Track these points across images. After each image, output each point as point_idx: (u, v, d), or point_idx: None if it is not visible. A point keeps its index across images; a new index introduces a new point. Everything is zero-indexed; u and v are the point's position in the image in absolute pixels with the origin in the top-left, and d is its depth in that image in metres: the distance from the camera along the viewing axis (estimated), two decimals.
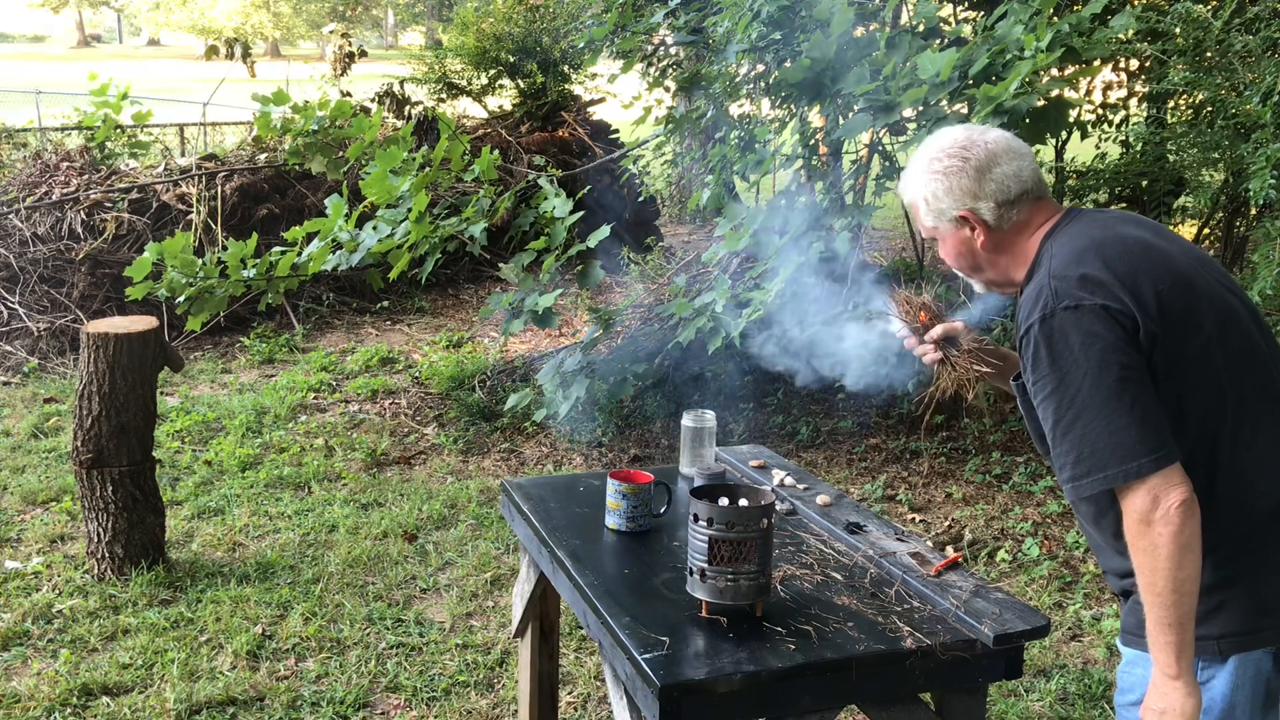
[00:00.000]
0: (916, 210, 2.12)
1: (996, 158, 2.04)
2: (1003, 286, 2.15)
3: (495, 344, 7.95)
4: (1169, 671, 1.85)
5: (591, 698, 3.64)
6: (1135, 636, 2.01)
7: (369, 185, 5.58)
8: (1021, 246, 2.06)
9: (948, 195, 2.05)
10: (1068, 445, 1.86)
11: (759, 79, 6.10)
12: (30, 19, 54.13)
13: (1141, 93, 6.00)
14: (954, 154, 2.05)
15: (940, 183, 2.05)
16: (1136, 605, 1.97)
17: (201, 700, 3.53)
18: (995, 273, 2.11)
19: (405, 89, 10.35)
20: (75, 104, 10.27)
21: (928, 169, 2.07)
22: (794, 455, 5.80)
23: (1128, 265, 1.90)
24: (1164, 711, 1.87)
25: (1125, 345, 1.83)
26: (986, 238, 2.06)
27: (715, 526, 2.14)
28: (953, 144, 2.06)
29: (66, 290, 7.75)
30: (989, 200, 2.02)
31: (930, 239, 2.16)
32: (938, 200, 2.06)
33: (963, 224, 2.06)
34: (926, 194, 2.08)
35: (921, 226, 2.15)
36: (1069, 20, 4.23)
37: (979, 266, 2.11)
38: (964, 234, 2.08)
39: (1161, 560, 1.80)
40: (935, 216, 2.09)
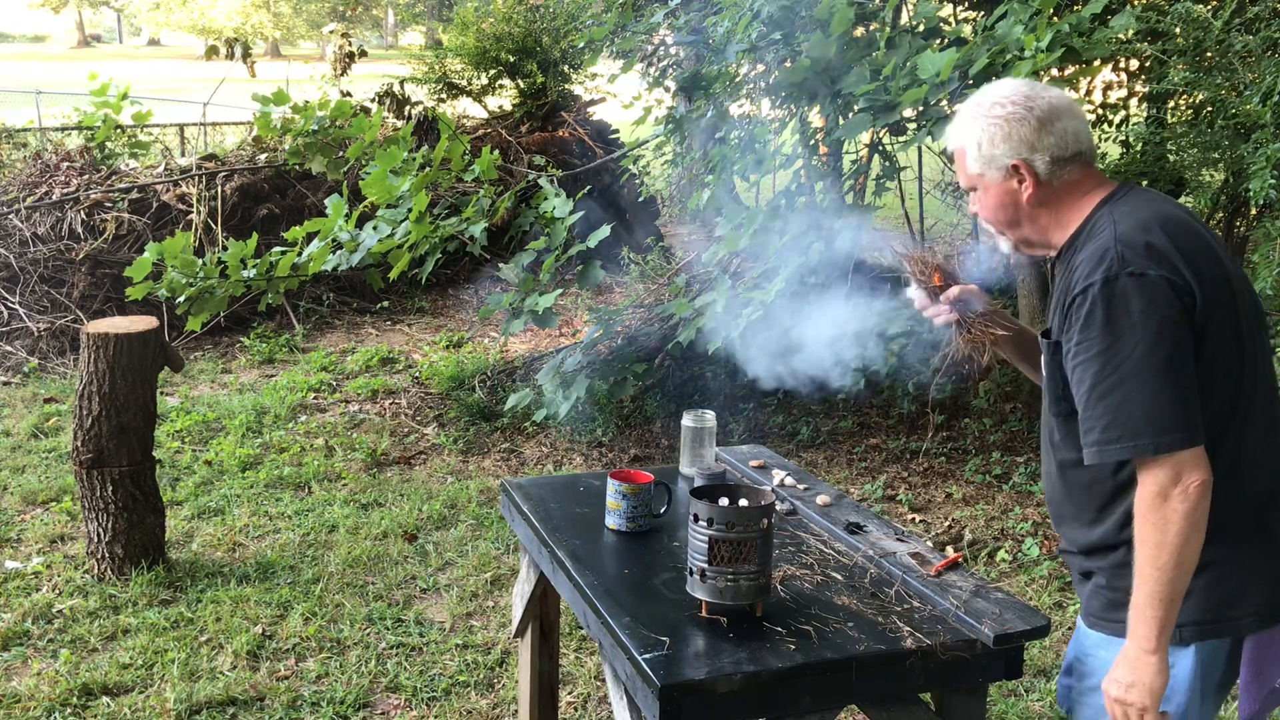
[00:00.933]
0: (963, 155, 2.07)
1: (1059, 112, 2.01)
2: (1035, 247, 2.10)
3: (495, 344, 7.95)
4: (1147, 646, 1.87)
5: (591, 698, 3.64)
6: (1104, 620, 2.03)
7: (369, 185, 5.58)
8: (1068, 207, 2.03)
9: (1005, 142, 2.00)
10: (1104, 408, 1.85)
11: (759, 79, 6.10)
12: (30, 19, 54.13)
13: (1141, 93, 6.00)
14: (1018, 102, 2.01)
15: (1000, 129, 2.01)
16: (1102, 588, 2.02)
17: (201, 700, 3.53)
18: (1033, 230, 2.06)
19: (405, 89, 10.35)
20: (75, 104, 10.27)
21: (987, 113, 2.02)
22: (794, 455, 5.80)
23: (1190, 244, 1.90)
24: (1132, 685, 1.88)
25: (1182, 321, 1.84)
26: (1034, 191, 2.02)
27: (715, 526, 2.14)
28: (1015, 93, 2.02)
29: (66, 290, 7.75)
30: (1045, 153, 1.99)
31: (970, 188, 2.10)
32: (992, 146, 2.01)
33: (1013, 174, 2.02)
34: (981, 138, 2.02)
35: (963, 175, 2.10)
36: (1069, 20, 4.23)
37: (1017, 222, 2.06)
38: (1011, 185, 2.03)
39: (1171, 535, 1.82)
40: (985, 163, 2.03)
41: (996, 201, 2.06)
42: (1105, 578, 2.02)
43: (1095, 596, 2.05)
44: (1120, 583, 1.97)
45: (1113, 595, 2.01)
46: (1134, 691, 1.89)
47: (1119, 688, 1.90)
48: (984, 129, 2.02)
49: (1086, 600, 2.09)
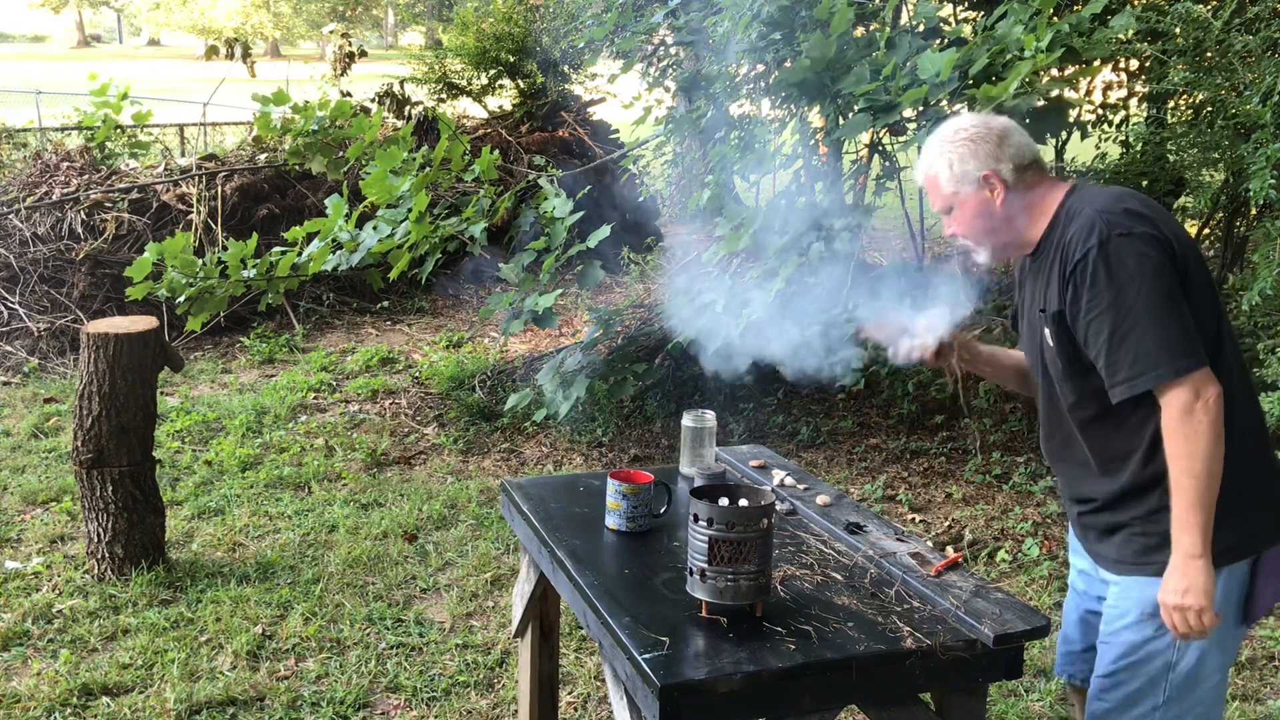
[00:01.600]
0: (936, 180, 2.33)
1: (1010, 130, 2.33)
2: (1011, 248, 2.36)
3: (495, 344, 7.95)
4: (1194, 552, 2.09)
5: (591, 698, 3.64)
6: (1140, 564, 2.23)
7: (369, 185, 5.58)
8: (1036, 206, 2.30)
9: (973, 158, 2.29)
10: (1125, 350, 2.11)
11: (759, 79, 6.10)
12: (30, 19, 54.11)
13: (1141, 93, 6.00)
14: (976, 125, 2.32)
15: (966, 148, 2.30)
16: (1136, 535, 2.24)
17: (201, 700, 3.53)
18: (1008, 233, 2.32)
19: (405, 89, 10.35)
20: (75, 104, 10.27)
21: (951, 139, 2.32)
22: (794, 455, 5.80)
23: (1157, 211, 2.21)
24: (1187, 590, 2.10)
25: (1169, 265, 2.12)
26: (1005, 196, 2.28)
27: (715, 526, 2.14)
28: (970, 121, 2.34)
29: (66, 290, 7.75)
30: (1009, 163, 2.28)
31: (946, 209, 2.35)
32: (963, 164, 2.30)
33: (984, 184, 2.29)
34: (952, 158, 2.31)
35: (938, 199, 2.35)
36: (1069, 20, 4.23)
37: (994, 229, 2.31)
38: (984, 195, 2.29)
39: (1201, 444, 2.07)
40: (958, 181, 2.31)
41: (973, 213, 2.32)
42: (1140, 525, 2.23)
43: (1127, 544, 2.26)
44: (1155, 526, 2.19)
45: (1147, 540, 2.22)
46: (1190, 595, 2.10)
47: (1176, 595, 2.11)
48: (952, 152, 2.31)
49: (1116, 550, 2.29)
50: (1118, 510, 2.27)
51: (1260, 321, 5.11)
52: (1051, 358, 2.28)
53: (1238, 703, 3.63)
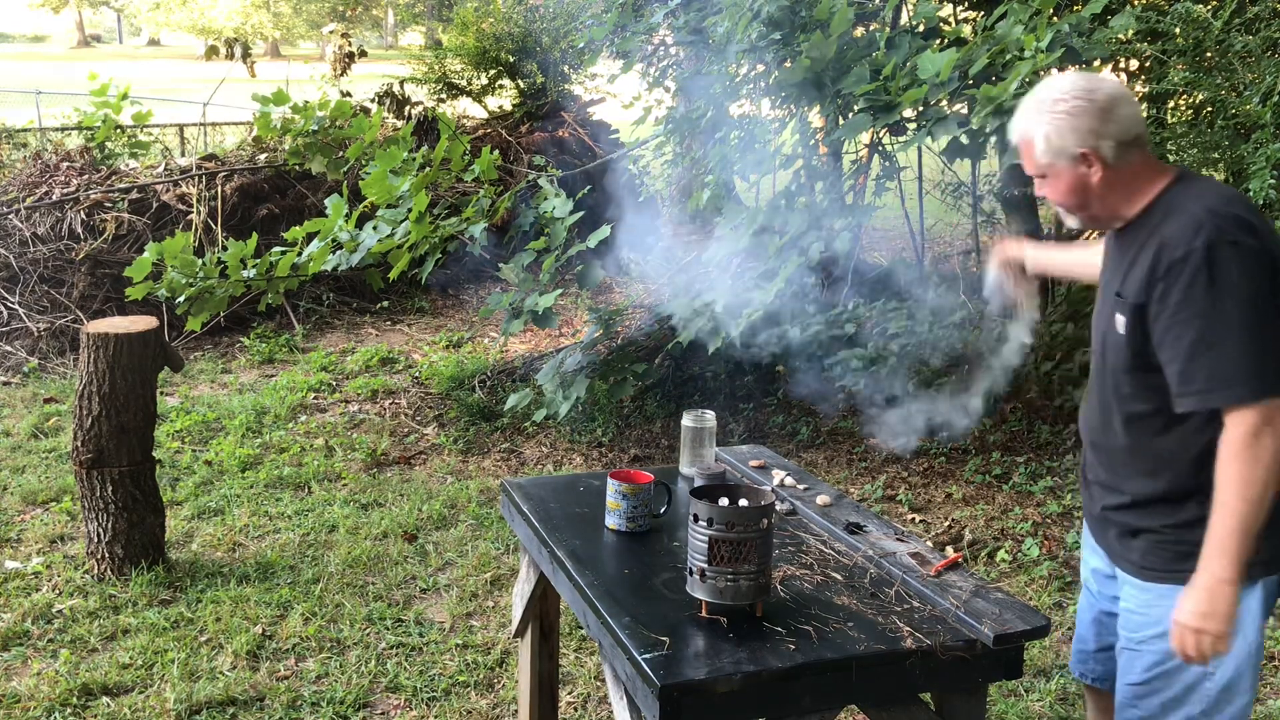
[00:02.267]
0: (1030, 147, 2.21)
1: (1118, 100, 2.15)
2: (1104, 222, 2.27)
3: (495, 344, 7.95)
4: (1226, 575, 2.04)
5: (591, 698, 3.64)
6: (1170, 571, 2.18)
7: (369, 185, 5.58)
8: (1136, 185, 2.19)
9: (1072, 132, 2.15)
10: (1204, 362, 2.04)
11: (759, 79, 6.10)
12: (30, 19, 54.10)
13: (1141, 93, 6.00)
14: (1079, 95, 2.15)
15: (1065, 120, 2.15)
16: (1167, 542, 2.18)
17: (201, 700, 3.53)
18: (1101, 209, 2.22)
19: (405, 89, 10.35)
20: (75, 104, 10.27)
21: (1050, 108, 2.16)
22: (794, 455, 5.80)
23: (1264, 222, 2.13)
24: (1209, 614, 2.05)
25: (1271, 286, 2.05)
26: (1103, 175, 2.17)
27: (715, 526, 2.14)
28: (1074, 86, 2.16)
29: (66, 290, 7.75)
30: (1111, 140, 2.14)
31: (1039, 175, 2.24)
32: (1060, 138, 2.15)
33: (1081, 161, 2.16)
34: (1049, 129, 2.16)
35: (1030, 164, 2.24)
36: (1069, 20, 4.24)
37: (1086, 203, 2.21)
38: (1080, 171, 2.17)
39: (1260, 471, 2.02)
40: (1053, 154, 2.18)
41: (1067, 187, 2.20)
42: (1173, 533, 2.18)
43: (1156, 551, 2.21)
44: (1190, 535, 2.13)
45: (1179, 548, 2.16)
46: (1211, 621, 2.05)
47: (1195, 618, 2.06)
48: (1049, 122, 2.16)
49: (1142, 556, 2.23)
50: (1148, 513, 2.22)
51: None
52: (1117, 344, 2.21)
53: None
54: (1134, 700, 2.28)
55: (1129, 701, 2.29)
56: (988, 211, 7.26)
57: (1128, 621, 2.29)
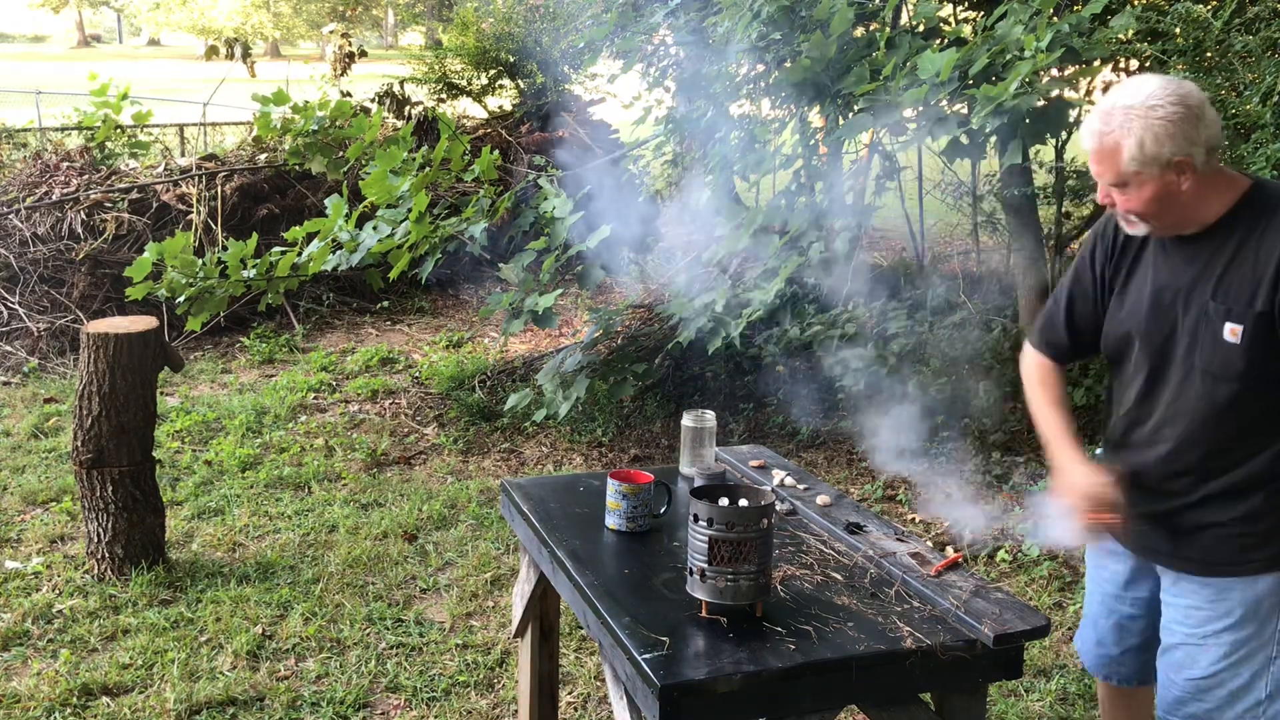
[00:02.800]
0: (1118, 152, 2.13)
1: (1205, 106, 2.13)
2: (1172, 229, 2.23)
3: (495, 344, 7.95)
4: None
5: (591, 698, 3.64)
6: (1238, 564, 2.23)
7: (369, 185, 5.58)
8: (1216, 191, 2.18)
9: (1170, 140, 2.09)
10: None
11: (759, 79, 6.10)
12: (30, 19, 54.09)
13: None
14: (1175, 101, 2.10)
15: (1164, 127, 2.09)
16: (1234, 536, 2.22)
17: (201, 700, 3.53)
18: (1179, 215, 2.18)
19: (405, 89, 10.35)
20: (75, 104, 10.27)
21: (1144, 114, 2.10)
22: (794, 455, 5.80)
23: None
24: None
25: None
26: (1192, 183, 2.14)
27: (715, 526, 2.14)
28: (1168, 91, 2.11)
29: (66, 290, 7.75)
30: (1203, 147, 2.11)
31: (1118, 183, 2.17)
32: (1157, 145, 2.10)
33: (1173, 169, 2.12)
34: (1144, 136, 2.10)
35: (1111, 170, 2.16)
36: (1069, 20, 4.24)
37: (1165, 212, 2.18)
38: (1170, 178, 2.13)
39: None
40: (1145, 162, 2.11)
41: (1153, 195, 2.15)
42: (1238, 526, 2.22)
43: (1222, 545, 2.25)
44: (1256, 526, 2.21)
45: (1245, 540, 2.22)
46: None
47: None
48: (1145, 129, 2.10)
49: (1204, 552, 2.27)
50: (1213, 509, 2.25)
51: None
52: (1229, 357, 2.17)
53: None
54: (1198, 694, 2.32)
55: (1192, 696, 2.33)
56: (988, 211, 7.26)
57: (1188, 618, 2.31)
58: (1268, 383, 2.17)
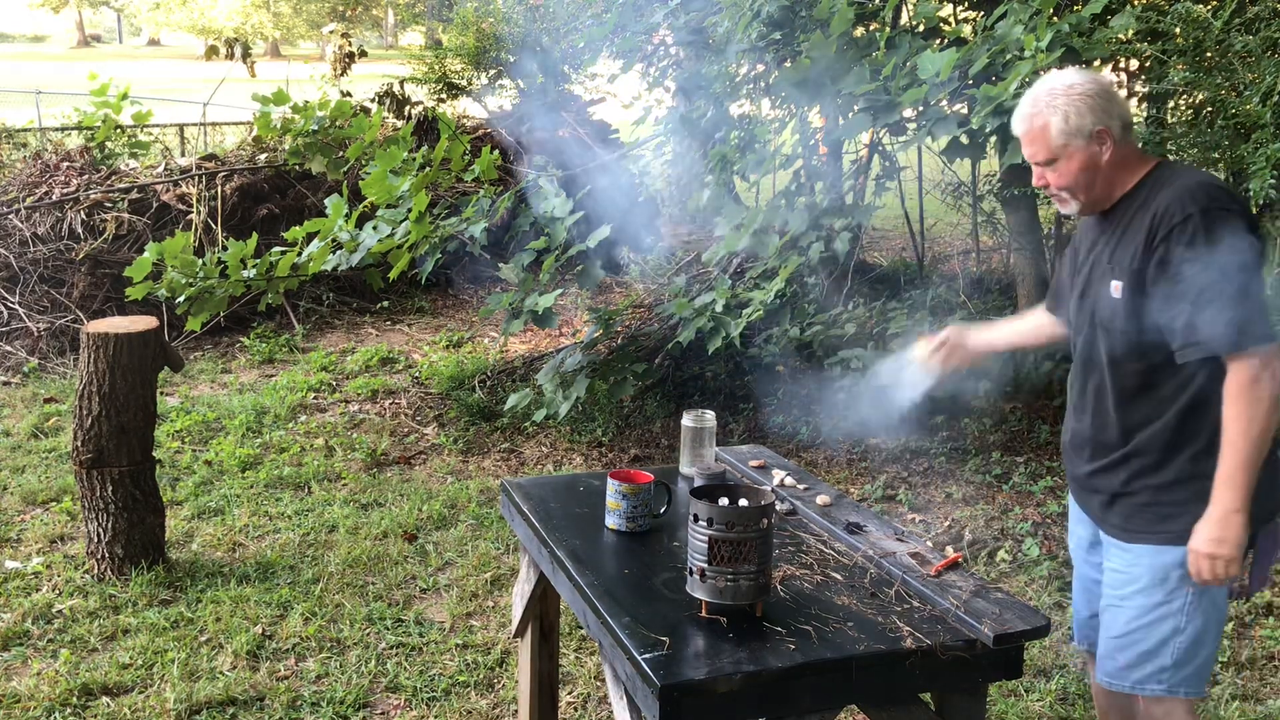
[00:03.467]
0: (1045, 130, 2.37)
1: (1115, 88, 2.41)
2: (1099, 204, 2.44)
3: (495, 344, 7.95)
4: (1235, 506, 2.25)
5: (591, 698, 3.64)
6: (1151, 532, 2.39)
7: (369, 185, 5.58)
8: (1130, 166, 2.40)
9: (1090, 113, 2.34)
10: (1208, 315, 2.22)
11: (759, 79, 6.10)
12: (30, 19, 54.09)
13: (1141, 93, 6.00)
14: (1089, 82, 2.37)
15: (1084, 102, 2.34)
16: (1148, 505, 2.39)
17: (201, 700, 3.53)
18: (1103, 189, 2.41)
19: (405, 89, 10.35)
20: (75, 104, 10.27)
21: (1064, 93, 2.36)
22: (794, 455, 5.80)
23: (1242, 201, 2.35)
24: (1221, 540, 2.26)
25: (1255, 246, 2.26)
26: (1113, 153, 2.37)
27: (715, 526, 2.14)
28: (1082, 77, 2.39)
29: (66, 290, 7.75)
30: (1118, 120, 2.36)
31: (1047, 160, 2.40)
32: (1080, 117, 2.34)
33: (1096, 139, 2.36)
34: (1068, 110, 2.34)
35: (1042, 149, 2.39)
36: (1069, 20, 4.24)
37: (1093, 183, 2.39)
38: (1094, 149, 2.36)
39: (1260, 411, 2.23)
40: (1070, 135, 2.35)
41: (1079, 167, 2.38)
42: (1151, 495, 2.39)
43: (1139, 514, 2.41)
44: (1168, 496, 2.36)
45: (1159, 509, 2.38)
46: (1224, 546, 2.26)
47: (1211, 544, 2.27)
48: (1068, 104, 2.35)
49: (1124, 520, 2.44)
50: (1129, 475, 2.41)
51: None
52: (1111, 310, 2.37)
53: (1238, 703, 3.63)
54: (1114, 652, 2.47)
55: (1109, 653, 2.47)
56: (988, 211, 7.26)
57: (1112, 580, 2.47)
58: (1142, 337, 2.33)
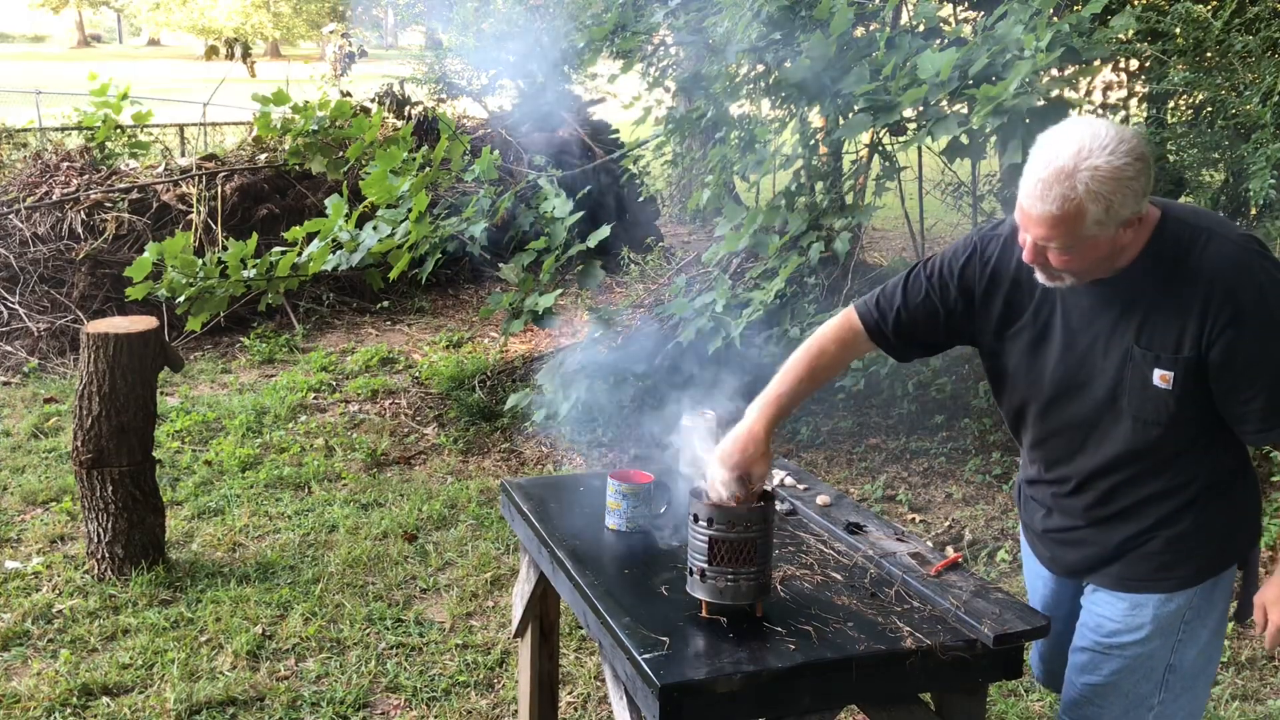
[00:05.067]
0: (1079, 220, 1.95)
1: (1148, 152, 1.98)
2: (1098, 272, 2.08)
3: (495, 344, 7.95)
4: None
5: (591, 698, 3.64)
6: (1156, 580, 2.24)
7: (369, 185, 5.59)
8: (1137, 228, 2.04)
9: (1134, 200, 1.95)
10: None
11: (759, 79, 6.10)
12: (30, 19, 54.09)
13: (1141, 93, 6.00)
14: (1137, 157, 1.94)
15: (1129, 189, 1.94)
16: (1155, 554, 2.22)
17: (201, 700, 3.53)
18: (1112, 261, 2.05)
19: (405, 89, 10.35)
20: (75, 104, 10.26)
21: (1115, 175, 1.92)
22: (794, 455, 5.80)
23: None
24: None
25: None
26: (1137, 230, 2.03)
27: (715, 526, 2.14)
28: (1129, 146, 1.94)
29: (66, 290, 7.75)
30: (1147, 197, 1.99)
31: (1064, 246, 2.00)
32: (1123, 208, 1.95)
33: (1129, 225, 1.99)
34: (1112, 201, 1.93)
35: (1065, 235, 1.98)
36: (1069, 20, 4.24)
37: (1090, 268, 2.05)
38: (1121, 235, 2.00)
39: None
40: (1105, 225, 1.97)
41: (1101, 255, 2.03)
42: (1161, 544, 2.22)
43: (1145, 562, 2.24)
44: (1178, 546, 2.21)
45: (1163, 558, 2.23)
46: None
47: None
48: (1114, 192, 1.93)
49: (1122, 569, 2.27)
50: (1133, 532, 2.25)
51: None
52: (1159, 403, 2.11)
53: (1238, 703, 3.63)
54: (1095, 699, 2.32)
55: (1088, 700, 2.33)
56: (988, 211, 7.26)
57: (1099, 627, 2.31)
58: (1196, 422, 2.14)
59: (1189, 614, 2.24)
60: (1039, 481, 2.40)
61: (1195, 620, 2.25)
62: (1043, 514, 2.40)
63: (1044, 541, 2.43)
